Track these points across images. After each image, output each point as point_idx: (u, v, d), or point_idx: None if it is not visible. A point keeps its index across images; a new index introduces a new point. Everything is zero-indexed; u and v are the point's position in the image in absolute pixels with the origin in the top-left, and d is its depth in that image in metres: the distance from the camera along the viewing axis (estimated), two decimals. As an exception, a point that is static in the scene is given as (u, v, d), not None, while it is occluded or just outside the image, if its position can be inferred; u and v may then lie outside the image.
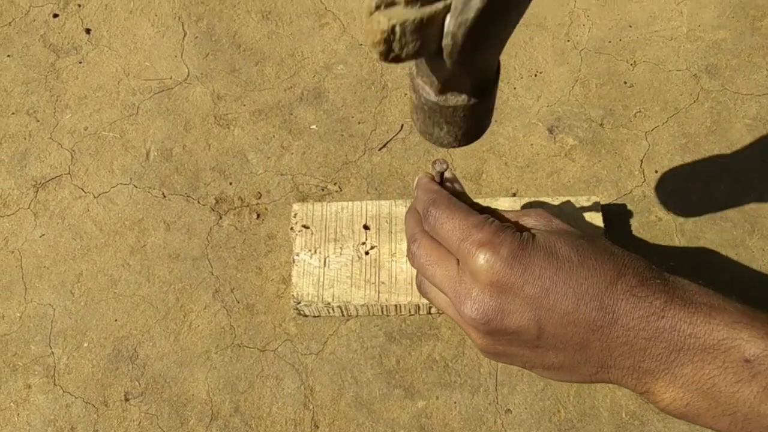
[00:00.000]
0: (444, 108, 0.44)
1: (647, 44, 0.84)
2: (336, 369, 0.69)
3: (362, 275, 0.68)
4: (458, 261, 0.48)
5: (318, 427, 0.66)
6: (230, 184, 0.78)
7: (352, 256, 0.69)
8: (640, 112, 0.80)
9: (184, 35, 0.87)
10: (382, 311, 0.69)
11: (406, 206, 0.71)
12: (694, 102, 0.80)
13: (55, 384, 0.69)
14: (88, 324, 0.71)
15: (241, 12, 0.89)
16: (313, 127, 0.81)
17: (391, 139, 0.80)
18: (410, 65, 0.44)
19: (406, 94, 0.82)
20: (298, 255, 0.70)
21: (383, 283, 0.68)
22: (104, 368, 0.70)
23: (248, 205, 0.77)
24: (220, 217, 0.76)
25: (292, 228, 0.71)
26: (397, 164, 0.78)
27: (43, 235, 0.76)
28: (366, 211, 0.71)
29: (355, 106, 0.82)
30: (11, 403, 0.68)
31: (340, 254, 0.69)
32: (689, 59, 0.83)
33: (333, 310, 0.69)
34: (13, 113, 0.83)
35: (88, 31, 0.88)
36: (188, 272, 0.73)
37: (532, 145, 0.79)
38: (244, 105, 0.82)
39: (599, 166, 0.77)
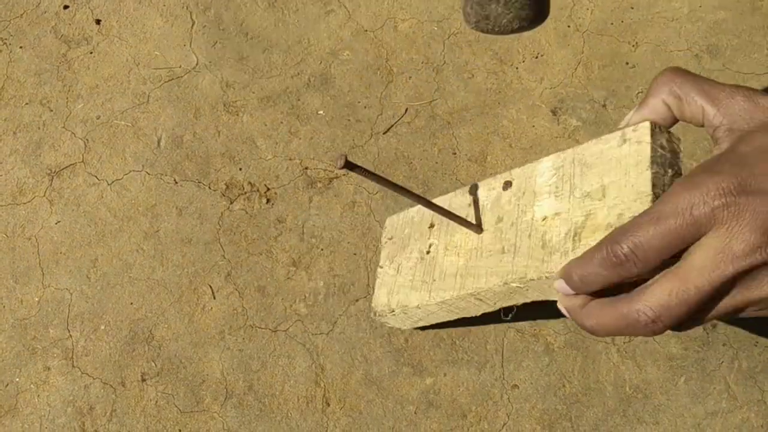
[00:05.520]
0: None
1: (649, 25, 0.85)
2: (346, 348, 0.70)
3: (420, 276, 0.64)
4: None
5: (329, 404, 0.68)
6: (240, 169, 0.79)
7: (417, 258, 0.65)
8: (642, 92, 0.81)
9: (193, 24, 0.89)
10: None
11: (464, 195, 0.65)
12: (696, 82, 0.81)
13: (73, 366, 0.71)
14: (105, 307, 0.73)
15: (247, 0, 0.90)
16: (320, 112, 0.82)
17: (395, 123, 0.81)
18: None
19: (411, 78, 0.83)
20: (381, 267, 0.68)
21: (435, 280, 0.63)
22: (121, 350, 0.72)
23: (258, 190, 0.78)
24: (231, 202, 0.78)
25: (381, 243, 0.69)
26: (402, 148, 0.80)
27: (59, 221, 0.78)
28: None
29: (361, 92, 0.83)
30: (31, 385, 0.71)
31: (409, 258, 0.66)
32: (690, 39, 0.84)
33: (397, 316, 0.65)
34: (26, 104, 0.85)
35: (98, 21, 0.89)
36: (201, 256, 0.75)
37: (535, 126, 0.80)
38: (253, 92, 0.84)
39: (602, 146, 0.78)
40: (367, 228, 0.76)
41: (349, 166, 0.49)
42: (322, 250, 0.75)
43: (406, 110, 0.82)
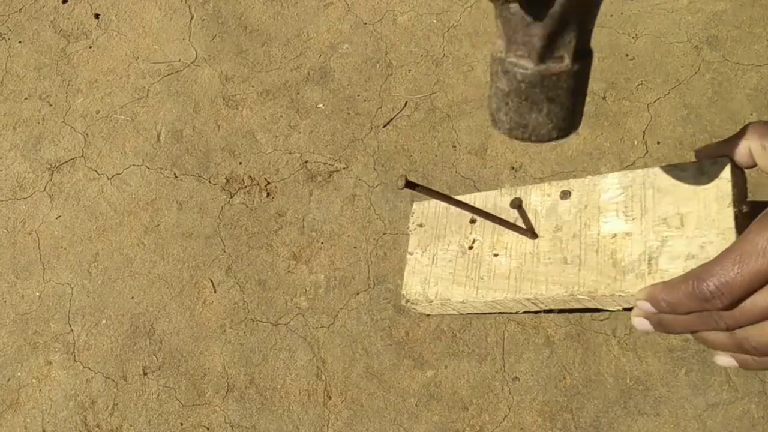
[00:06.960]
0: (546, 78, 0.41)
1: (648, 17, 0.85)
2: (347, 341, 0.71)
3: (464, 271, 0.63)
4: None
5: (331, 398, 0.68)
6: (240, 163, 0.79)
7: (457, 251, 0.65)
8: (641, 84, 0.81)
9: (191, 18, 0.88)
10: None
11: (511, 195, 0.64)
12: (695, 73, 0.81)
13: (75, 360, 0.71)
14: (106, 302, 0.74)
15: (246, -6, 0.90)
16: (320, 106, 0.82)
17: (395, 116, 0.81)
18: (495, 49, 0.41)
19: (410, 71, 0.83)
20: (411, 254, 0.68)
21: (482, 278, 0.62)
22: (122, 344, 0.72)
23: (258, 184, 0.78)
24: (231, 196, 0.78)
25: (409, 228, 0.70)
26: (402, 141, 0.80)
27: (60, 216, 0.78)
28: (473, 204, 0.67)
29: (361, 85, 0.83)
30: (33, 380, 0.71)
31: (447, 250, 0.65)
32: (690, 31, 0.84)
33: (435, 307, 0.68)
34: (26, 98, 0.85)
35: (96, 15, 0.89)
36: (201, 250, 0.75)
37: (535, 119, 0.80)
38: (252, 86, 0.84)
39: (602, 138, 0.78)
40: (367, 221, 0.76)
41: (410, 185, 0.52)
42: (322, 243, 0.75)
43: (406, 103, 0.82)
